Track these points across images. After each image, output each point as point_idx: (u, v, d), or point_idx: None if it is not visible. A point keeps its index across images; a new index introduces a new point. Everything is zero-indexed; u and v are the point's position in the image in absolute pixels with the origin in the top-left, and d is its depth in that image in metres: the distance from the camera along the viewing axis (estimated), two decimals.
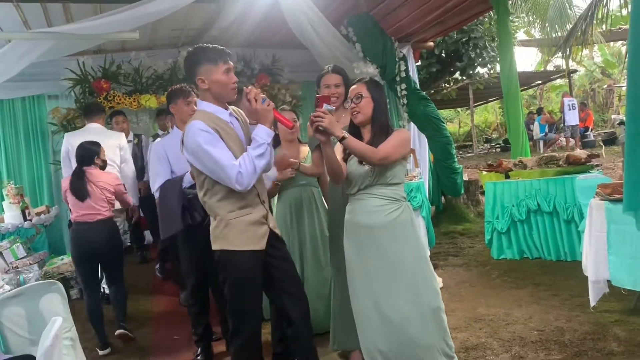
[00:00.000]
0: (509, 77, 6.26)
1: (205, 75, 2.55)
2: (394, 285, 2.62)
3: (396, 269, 2.62)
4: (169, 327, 4.35)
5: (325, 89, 3.15)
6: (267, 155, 2.50)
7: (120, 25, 4.51)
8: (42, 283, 3.26)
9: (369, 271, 2.67)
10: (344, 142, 2.54)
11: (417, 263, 2.67)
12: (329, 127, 2.48)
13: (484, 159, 13.93)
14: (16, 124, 6.58)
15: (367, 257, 2.68)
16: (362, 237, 2.70)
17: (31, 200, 6.15)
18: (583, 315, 3.57)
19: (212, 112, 2.57)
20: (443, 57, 10.39)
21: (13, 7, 4.66)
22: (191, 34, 6.62)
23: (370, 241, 2.67)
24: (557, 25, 8.33)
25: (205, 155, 2.43)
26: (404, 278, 2.62)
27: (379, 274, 2.64)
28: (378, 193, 2.67)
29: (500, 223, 5.34)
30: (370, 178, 2.66)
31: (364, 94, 2.70)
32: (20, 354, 2.88)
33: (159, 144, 3.67)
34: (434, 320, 2.63)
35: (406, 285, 2.61)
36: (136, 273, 5.88)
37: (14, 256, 5.00)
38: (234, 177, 2.41)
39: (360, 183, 2.69)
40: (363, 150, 2.57)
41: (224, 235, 2.56)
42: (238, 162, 2.43)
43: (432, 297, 2.66)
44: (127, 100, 6.11)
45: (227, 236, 2.55)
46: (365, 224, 2.69)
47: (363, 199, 2.71)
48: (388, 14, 6.38)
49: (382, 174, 2.65)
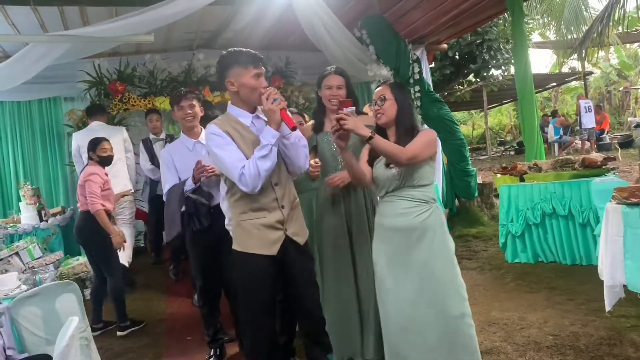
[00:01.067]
0: (523, 79, 6.21)
1: (235, 78, 2.57)
2: (419, 289, 2.60)
3: (423, 272, 2.60)
4: (182, 328, 4.37)
5: (327, 90, 3.12)
6: (271, 156, 2.46)
7: (136, 28, 4.54)
8: (58, 283, 3.30)
9: (397, 274, 2.65)
10: (371, 141, 2.51)
11: (445, 267, 2.64)
12: (354, 128, 2.46)
13: (498, 162, 13.84)
14: (33, 126, 6.67)
15: (395, 260, 2.66)
16: (390, 239, 2.69)
17: (47, 201, 6.24)
18: (599, 320, 3.53)
19: (234, 116, 2.61)
20: (457, 59, 10.35)
21: (30, 11, 4.73)
22: (205, 37, 6.66)
23: (398, 244, 2.66)
24: (573, 27, 8.25)
25: (214, 157, 2.55)
26: (430, 282, 2.59)
27: (405, 277, 2.63)
28: (406, 195, 2.65)
29: (515, 226, 5.30)
30: (397, 181, 2.65)
31: (387, 96, 2.70)
32: (36, 353, 2.92)
33: (166, 149, 3.69)
34: (457, 327, 2.60)
35: (432, 290, 2.59)
36: (150, 274, 5.93)
37: (30, 256, 5.06)
38: (237, 178, 2.45)
39: (388, 186, 2.68)
40: (390, 150, 2.54)
41: (236, 236, 2.63)
42: (243, 164, 2.45)
43: (458, 303, 2.63)
44: (141, 102, 6.16)
45: (237, 237, 2.61)
46: (393, 227, 2.68)
47: (391, 201, 2.70)
48: (402, 16, 6.37)
49: (410, 176, 2.63)
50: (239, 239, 2.60)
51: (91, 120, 5.63)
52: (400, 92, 2.75)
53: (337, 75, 3.13)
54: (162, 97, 6.25)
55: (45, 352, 2.85)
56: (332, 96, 3.08)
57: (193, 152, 3.55)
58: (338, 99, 3.00)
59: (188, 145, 3.59)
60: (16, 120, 6.62)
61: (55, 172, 6.74)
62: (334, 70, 3.17)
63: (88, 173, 4.27)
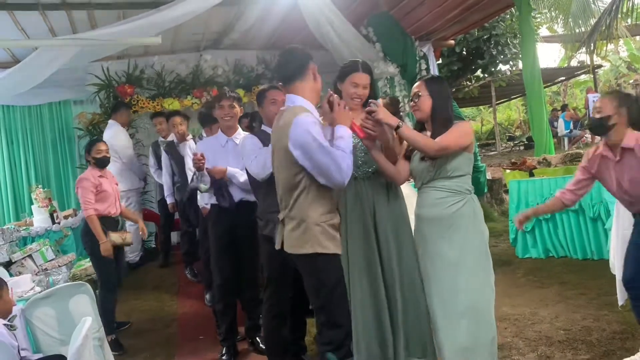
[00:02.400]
0: (531, 74, 6.18)
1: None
2: (452, 279, 2.62)
3: (455, 262, 2.63)
4: (194, 328, 4.39)
5: (352, 87, 2.84)
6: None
7: (143, 31, 4.58)
8: (71, 284, 3.33)
9: (433, 264, 2.69)
10: (399, 130, 2.61)
11: (477, 258, 2.67)
12: (384, 117, 2.59)
13: (508, 157, 13.74)
14: (43, 130, 6.75)
15: (430, 250, 2.71)
16: (426, 229, 2.74)
17: (59, 203, 6.29)
18: (611, 315, 3.51)
19: (311, 110, 2.55)
20: (464, 55, 10.32)
21: (39, 15, 4.77)
22: (212, 38, 6.69)
23: (432, 234, 2.71)
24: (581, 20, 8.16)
25: (318, 147, 2.37)
26: (462, 272, 2.62)
27: (439, 267, 2.66)
28: (440, 186, 2.69)
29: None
30: (431, 172, 2.70)
31: (422, 92, 2.75)
32: (51, 354, 2.95)
33: (199, 144, 3.95)
34: (484, 318, 2.62)
35: (464, 280, 2.61)
36: (161, 275, 5.95)
37: (43, 258, 5.11)
38: (345, 167, 2.37)
39: (423, 178, 2.74)
40: (418, 140, 2.63)
41: (317, 239, 2.44)
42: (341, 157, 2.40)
43: (488, 295, 2.66)
44: (150, 104, 6.20)
45: (320, 239, 2.45)
46: (427, 216, 2.73)
47: (426, 192, 2.75)
48: (408, 12, 6.36)
49: (442, 167, 2.66)
50: (323, 241, 2.45)
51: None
52: (435, 86, 2.78)
53: (365, 73, 2.86)
54: (171, 99, 6.29)
55: (60, 353, 2.89)
56: (356, 95, 2.85)
57: (224, 149, 3.70)
58: (365, 101, 2.85)
59: (221, 142, 3.74)
60: (27, 125, 6.70)
61: (66, 174, 6.82)
62: (362, 66, 2.87)
63: (78, 179, 4.25)
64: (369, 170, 2.86)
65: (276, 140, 2.59)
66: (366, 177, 2.86)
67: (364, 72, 2.85)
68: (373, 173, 2.86)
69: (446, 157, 2.64)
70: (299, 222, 2.48)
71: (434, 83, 2.80)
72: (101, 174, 4.22)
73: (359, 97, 2.85)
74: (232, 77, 6.63)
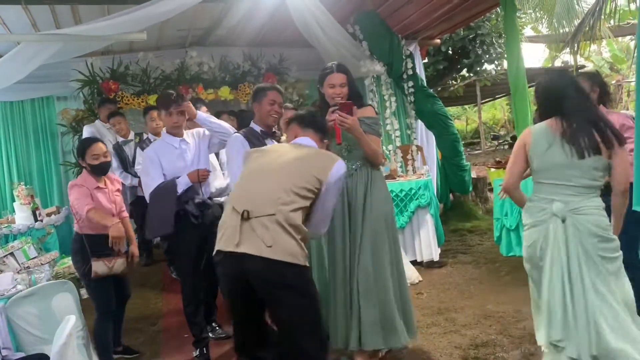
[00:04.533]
0: (516, 74, 6.22)
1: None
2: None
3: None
4: (180, 326, 4.36)
5: (330, 88, 3.10)
6: None
7: (128, 26, 4.53)
8: (54, 283, 3.30)
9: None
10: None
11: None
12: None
13: (492, 156, 13.88)
14: (26, 126, 6.65)
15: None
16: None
17: (41, 201, 6.21)
18: None
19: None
20: (450, 54, 10.36)
21: (22, 10, 4.70)
22: (198, 34, 6.65)
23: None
24: (565, 20, 8.24)
25: (334, 202, 2.70)
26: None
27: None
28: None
29: (509, 220, 5.31)
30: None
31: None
32: (33, 352, 2.92)
33: (151, 149, 3.65)
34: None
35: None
36: (145, 273, 5.92)
37: (25, 256, 5.04)
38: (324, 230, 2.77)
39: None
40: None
41: (299, 250, 2.41)
42: None
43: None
44: (135, 101, 6.14)
45: (301, 252, 2.42)
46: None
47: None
48: (394, 11, 6.38)
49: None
50: (302, 253, 2.42)
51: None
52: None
53: (339, 73, 3.11)
54: (156, 95, 6.23)
55: (42, 352, 2.86)
56: (335, 95, 3.07)
57: (179, 150, 3.59)
58: (338, 102, 3.00)
59: (174, 144, 3.61)
60: (9, 120, 6.59)
61: (49, 171, 6.72)
62: (336, 67, 3.13)
63: (71, 184, 3.57)
64: (352, 167, 3.10)
65: (305, 157, 2.61)
66: (349, 174, 3.07)
67: (338, 72, 3.10)
68: (356, 170, 3.11)
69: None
70: (292, 234, 2.44)
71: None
72: (99, 185, 3.49)
73: (339, 95, 3.07)
74: (218, 74, 6.59)
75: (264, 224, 2.35)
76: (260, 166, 2.59)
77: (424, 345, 3.40)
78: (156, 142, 3.81)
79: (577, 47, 7.84)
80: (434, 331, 3.62)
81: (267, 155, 2.65)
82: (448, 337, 3.50)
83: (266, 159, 2.62)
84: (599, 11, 6.80)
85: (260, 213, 2.37)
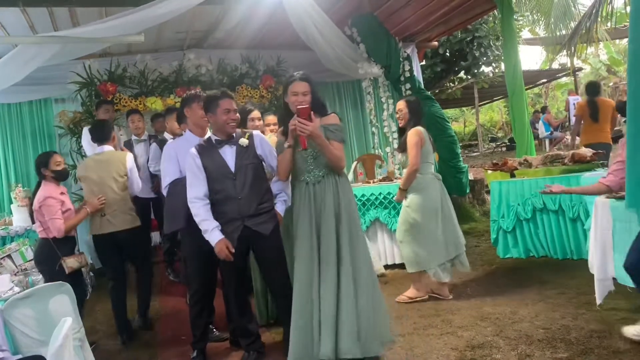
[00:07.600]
0: (513, 76, 6.25)
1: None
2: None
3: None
4: (176, 327, 4.37)
5: (293, 96, 3.17)
6: None
7: (126, 29, 4.54)
8: (51, 285, 3.28)
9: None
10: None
11: None
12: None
13: (490, 158, 13.89)
14: (24, 128, 6.65)
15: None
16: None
17: None
18: (589, 314, 3.57)
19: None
20: (447, 56, 10.41)
21: (20, 12, 4.71)
22: (196, 36, 6.66)
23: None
24: (562, 23, 8.28)
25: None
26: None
27: None
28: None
29: (506, 222, 5.33)
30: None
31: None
32: (30, 354, 2.91)
33: (170, 145, 3.74)
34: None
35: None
36: None
37: (22, 258, 5.03)
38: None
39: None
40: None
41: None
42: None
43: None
44: (133, 103, 6.14)
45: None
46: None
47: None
48: (392, 13, 6.40)
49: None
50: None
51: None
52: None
53: (302, 81, 3.19)
54: (154, 98, 6.24)
55: (39, 353, 2.85)
56: (298, 102, 3.13)
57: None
58: (297, 107, 3.07)
59: (194, 143, 3.60)
60: (7, 123, 6.60)
61: None
62: (299, 76, 3.22)
63: (41, 199, 3.83)
64: (319, 174, 3.21)
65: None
66: (317, 181, 3.21)
67: (301, 80, 3.20)
68: (323, 177, 3.20)
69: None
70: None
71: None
72: (62, 191, 3.93)
73: (301, 104, 3.13)
74: (216, 76, 6.60)
75: None
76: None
77: (420, 347, 3.40)
78: (177, 140, 3.88)
79: (574, 49, 7.87)
80: (431, 332, 3.62)
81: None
82: (444, 338, 3.51)
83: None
84: (596, 14, 6.83)
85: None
